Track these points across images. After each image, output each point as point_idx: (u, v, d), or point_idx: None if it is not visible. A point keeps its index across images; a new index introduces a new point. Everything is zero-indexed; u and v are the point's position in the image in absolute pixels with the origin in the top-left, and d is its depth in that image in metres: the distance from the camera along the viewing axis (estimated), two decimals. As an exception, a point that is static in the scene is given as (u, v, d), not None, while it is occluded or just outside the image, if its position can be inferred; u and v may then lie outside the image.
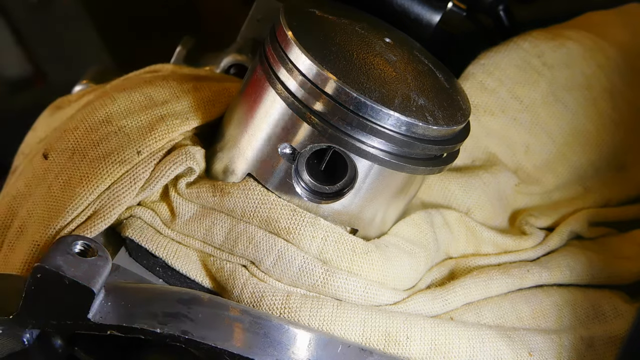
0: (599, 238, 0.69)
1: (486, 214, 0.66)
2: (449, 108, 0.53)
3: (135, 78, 0.65)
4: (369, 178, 0.52)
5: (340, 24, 0.55)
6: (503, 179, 0.69)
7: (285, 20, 0.51)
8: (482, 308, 0.59)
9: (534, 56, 0.72)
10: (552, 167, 0.72)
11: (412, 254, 0.58)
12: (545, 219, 0.68)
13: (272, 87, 0.51)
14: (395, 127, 0.49)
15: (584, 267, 0.64)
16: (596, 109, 0.73)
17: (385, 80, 0.51)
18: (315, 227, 0.54)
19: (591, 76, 0.73)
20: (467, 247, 0.64)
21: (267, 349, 0.49)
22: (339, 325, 0.53)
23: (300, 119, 0.50)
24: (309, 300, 0.53)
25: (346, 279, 0.54)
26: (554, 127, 0.72)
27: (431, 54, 0.60)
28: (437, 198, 0.66)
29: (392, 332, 0.54)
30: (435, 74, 0.56)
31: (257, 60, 0.54)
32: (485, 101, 0.71)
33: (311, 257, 0.54)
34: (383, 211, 0.56)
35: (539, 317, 0.61)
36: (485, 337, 0.57)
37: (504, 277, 0.61)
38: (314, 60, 0.49)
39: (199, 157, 0.57)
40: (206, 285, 0.56)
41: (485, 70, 0.71)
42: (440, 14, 0.67)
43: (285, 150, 0.52)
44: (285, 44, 0.50)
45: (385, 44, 0.56)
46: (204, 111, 0.59)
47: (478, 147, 0.71)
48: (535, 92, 0.72)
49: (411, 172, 0.52)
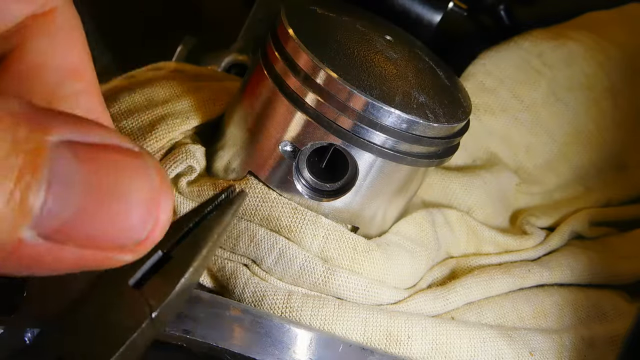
0: (600, 238, 0.69)
1: (487, 213, 0.66)
2: (449, 105, 0.53)
3: (137, 77, 0.65)
4: (369, 175, 0.52)
5: (341, 22, 0.55)
6: (504, 178, 0.69)
7: (286, 18, 0.51)
8: (483, 308, 0.59)
9: (535, 56, 0.73)
10: (553, 166, 0.72)
11: (413, 252, 0.58)
12: (546, 219, 0.68)
13: (272, 84, 0.51)
14: (396, 125, 0.49)
15: (585, 267, 0.64)
16: (597, 108, 0.73)
17: (386, 77, 0.51)
18: (316, 225, 0.54)
19: (592, 76, 0.73)
20: (468, 246, 0.64)
21: (268, 349, 0.49)
22: (340, 325, 0.53)
23: (300, 116, 0.50)
24: (310, 300, 0.53)
25: (347, 278, 0.54)
26: (554, 127, 0.72)
27: (432, 52, 0.60)
28: (438, 197, 0.66)
29: (394, 331, 0.54)
30: (436, 71, 0.56)
31: (257, 58, 0.54)
32: (485, 101, 0.71)
33: (312, 256, 0.54)
34: (384, 209, 0.56)
35: (540, 316, 0.61)
36: (486, 337, 0.57)
37: (505, 277, 0.61)
38: (314, 57, 0.49)
39: (199, 155, 0.57)
40: (207, 285, 0.56)
41: (486, 70, 0.72)
42: (441, 14, 0.67)
43: (286, 147, 0.52)
44: (286, 41, 0.51)
45: (386, 41, 0.56)
46: (204, 110, 0.59)
47: (479, 146, 0.71)
48: (536, 91, 0.72)
49: (412, 164, 0.52)
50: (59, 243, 0.30)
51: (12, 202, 0.28)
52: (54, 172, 0.29)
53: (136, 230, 0.32)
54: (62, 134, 0.30)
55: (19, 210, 0.28)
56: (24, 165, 0.28)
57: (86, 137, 0.31)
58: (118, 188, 0.31)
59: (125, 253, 0.32)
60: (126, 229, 0.31)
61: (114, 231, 0.31)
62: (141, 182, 0.32)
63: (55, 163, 0.29)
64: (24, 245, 0.29)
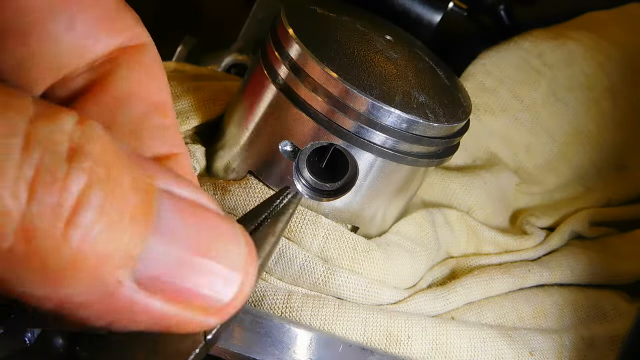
0: (599, 238, 0.69)
1: (487, 213, 0.66)
2: (449, 105, 0.53)
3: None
4: (370, 175, 0.52)
5: (341, 22, 0.55)
6: (504, 178, 0.69)
7: (286, 18, 0.51)
8: (483, 307, 0.59)
9: (535, 56, 0.72)
10: (553, 166, 0.72)
11: (414, 252, 0.58)
12: (546, 219, 0.68)
13: (272, 84, 0.51)
14: (396, 125, 0.49)
15: (584, 267, 0.64)
16: (597, 108, 0.73)
17: (386, 77, 0.51)
18: (316, 225, 0.53)
19: (592, 76, 0.73)
20: (468, 246, 0.64)
21: (268, 349, 0.49)
22: (340, 325, 0.53)
23: (300, 116, 0.50)
24: (310, 300, 0.53)
25: (347, 278, 0.54)
26: (554, 127, 0.72)
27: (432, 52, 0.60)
28: (438, 197, 0.66)
29: (394, 331, 0.54)
30: (436, 71, 0.56)
31: (257, 58, 0.54)
32: (485, 101, 0.71)
33: (312, 256, 0.54)
34: (384, 209, 0.56)
35: (540, 316, 0.61)
36: (486, 337, 0.57)
37: (505, 277, 0.61)
38: (314, 57, 0.49)
39: (199, 155, 0.57)
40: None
41: (486, 70, 0.71)
42: (441, 14, 0.67)
43: (286, 147, 0.52)
44: (286, 41, 0.51)
45: (386, 41, 0.56)
46: (204, 110, 0.59)
47: (479, 146, 0.71)
48: (535, 91, 0.72)
49: (412, 164, 0.52)
50: (150, 293, 0.29)
51: (121, 242, 0.28)
52: (161, 218, 0.29)
53: (224, 293, 0.31)
54: (165, 183, 0.30)
55: (125, 252, 0.28)
56: (137, 205, 0.28)
57: (182, 192, 0.31)
58: (214, 247, 0.31)
59: (209, 315, 0.31)
60: (215, 289, 0.31)
61: (203, 289, 0.30)
62: (234, 246, 0.31)
63: (162, 209, 0.29)
64: (120, 289, 0.29)
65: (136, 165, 0.29)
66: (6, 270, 0.27)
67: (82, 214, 0.27)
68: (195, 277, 0.30)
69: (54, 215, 0.26)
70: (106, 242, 0.27)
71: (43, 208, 0.26)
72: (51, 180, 0.26)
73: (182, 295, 0.30)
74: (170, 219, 0.29)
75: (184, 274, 0.30)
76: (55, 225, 0.26)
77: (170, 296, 0.30)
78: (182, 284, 0.30)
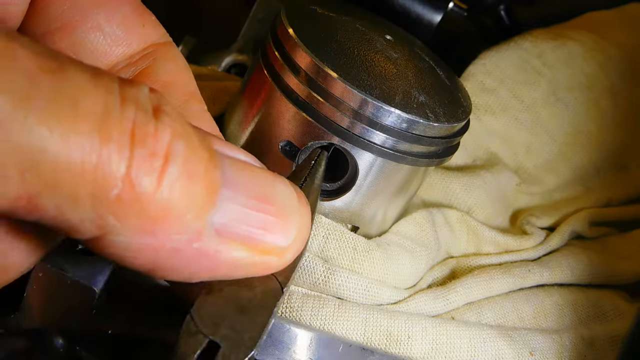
0: (600, 238, 0.69)
1: (487, 213, 0.66)
2: (450, 105, 0.53)
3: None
4: (370, 175, 0.52)
5: (341, 22, 0.55)
6: (504, 178, 0.69)
7: (286, 18, 0.51)
8: (483, 308, 0.59)
9: (535, 56, 0.72)
10: (553, 166, 0.72)
11: (414, 252, 0.58)
12: (546, 219, 0.68)
13: (272, 83, 0.51)
14: (396, 124, 0.49)
15: (584, 267, 0.64)
16: (597, 108, 0.73)
17: (386, 77, 0.51)
18: (316, 225, 0.53)
19: (592, 76, 0.73)
20: (468, 246, 0.64)
21: (268, 349, 0.49)
22: (340, 325, 0.53)
23: (300, 116, 0.50)
24: (310, 300, 0.53)
25: (347, 277, 0.54)
26: (555, 127, 0.72)
27: (432, 52, 0.60)
28: (438, 197, 0.66)
29: (394, 331, 0.54)
30: (436, 71, 0.56)
31: (258, 57, 0.54)
32: (486, 101, 0.71)
33: (312, 255, 0.53)
34: (384, 208, 0.56)
35: (540, 316, 0.61)
36: (486, 337, 0.57)
37: (505, 277, 0.61)
38: (314, 57, 0.49)
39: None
40: (207, 285, 0.56)
41: (486, 70, 0.71)
42: (442, 14, 0.67)
43: (286, 147, 0.52)
44: (286, 41, 0.51)
45: (386, 41, 0.56)
46: (204, 110, 0.59)
47: (479, 146, 0.71)
48: (536, 91, 0.72)
49: (412, 163, 0.52)
50: (225, 239, 0.33)
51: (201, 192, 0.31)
52: (225, 173, 0.33)
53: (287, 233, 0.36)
54: (219, 145, 0.34)
55: (204, 200, 0.32)
56: (208, 159, 0.32)
57: (234, 153, 0.35)
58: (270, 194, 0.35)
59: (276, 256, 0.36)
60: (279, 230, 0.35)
61: (268, 232, 0.35)
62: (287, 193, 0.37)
63: (224, 166, 0.34)
64: (203, 235, 0.32)
65: (197, 129, 0.33)
66: (114, 216, 0.30)
67: (172, 163, 0.30)
68: (261, 222, 0.34)
69: (150, 165, 0.30)
70: (189, 191, 0.31)
71: (142, 158, 0.29)
72: (146, 133, 0.30)
73: (251, 239, 0.34)
74: (232, 173, 0.34)
75: (249, 220, 0.34)
76: (152, 173, 0.30)
77: (240, 241, 0.34)
78: (251, 229, 0.34)
